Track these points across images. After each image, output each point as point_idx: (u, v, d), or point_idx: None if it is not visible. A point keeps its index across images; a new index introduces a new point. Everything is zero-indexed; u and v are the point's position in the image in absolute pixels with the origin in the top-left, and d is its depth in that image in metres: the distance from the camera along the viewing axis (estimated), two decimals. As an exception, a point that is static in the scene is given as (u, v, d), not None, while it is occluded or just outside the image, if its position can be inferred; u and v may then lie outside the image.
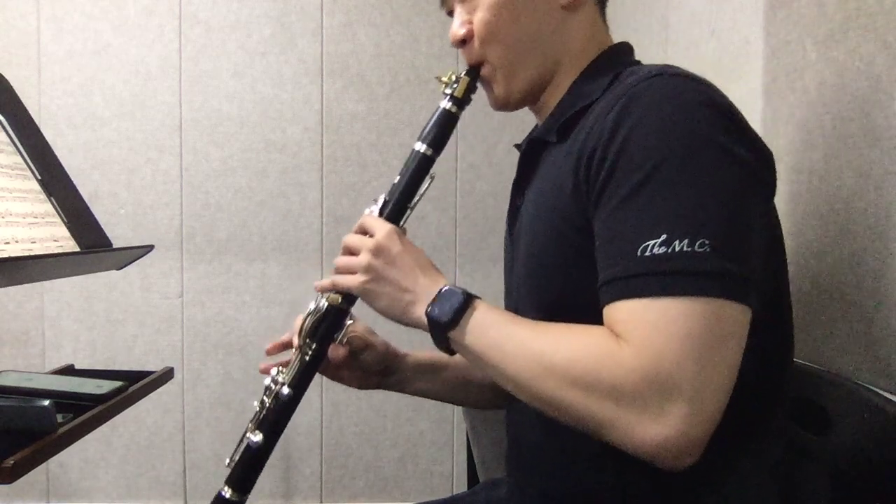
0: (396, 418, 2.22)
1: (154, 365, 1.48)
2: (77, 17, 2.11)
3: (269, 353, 0.90)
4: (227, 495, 0.81)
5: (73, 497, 2.17)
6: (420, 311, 0.73)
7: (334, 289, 0.81)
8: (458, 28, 0.84)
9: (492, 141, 2.16)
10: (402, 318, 0.76)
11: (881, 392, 0.80)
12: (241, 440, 0.83)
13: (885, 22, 0.86)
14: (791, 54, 1.07)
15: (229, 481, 0.82)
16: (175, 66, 2.13)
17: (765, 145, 0.68)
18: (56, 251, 0.98)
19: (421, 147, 0.85)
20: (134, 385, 1.03)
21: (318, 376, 0.86)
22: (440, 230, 2.18)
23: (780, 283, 0.72)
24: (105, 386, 0.99)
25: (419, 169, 0.84)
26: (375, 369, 0.94)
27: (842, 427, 0.80)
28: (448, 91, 0.85)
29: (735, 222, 0.62)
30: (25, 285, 2.09)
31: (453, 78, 0.85)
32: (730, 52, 1.25)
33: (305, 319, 0.84)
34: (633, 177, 0.63)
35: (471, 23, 0.83)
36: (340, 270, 0.80)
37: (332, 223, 2.17)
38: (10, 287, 1.25)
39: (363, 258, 0.77)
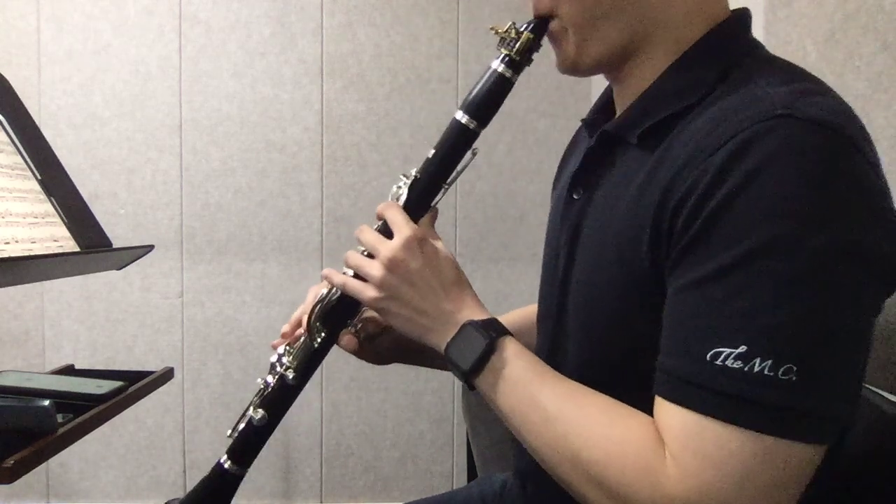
0: (396, 418, 2.22)
1: (154, 365, 1.48)
2: (77, 17, 2.11)
3: (284, 337, 0.81)
4: (227, 466, 0.79)
5: (73, 497, 2.17)
6: (439, 341, 0.66)
7: (345, 290, 0.72)
8: None
9: (492, 141, 2.15)
10: (421, 341, 0.69)
11: (881, 392, 0.80)
12: (244, 413, 0.79)
13: (885, 22, 0.86)
14: (791, 54, 1.07)
15: (230, 453, 0.79)
16: (175, 66, 2.13)
17: None
18: (56, 251, 0.98)
19: (462, 117, 0.69)
20: (134, 385, 1.03)
21: (325, 359, 0.78)
22: (440, 230, 2.17)
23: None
24: (105, 386, 0.99)
25: (458, 143, 0.70)
26: (392, 350, 0.87)
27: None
28: (504, 50, 0.68)
29: (836, 344, 0.50)
30: (25, 285, 2.09)
31: (512, 32, 0.67)
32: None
33: (318, 303, 0.75)
34: (724, 253, 0.50)
35: None
36: (350, 266, 0.71)
37: (332, 223, 2.17)
38: (10, 287, 1.24)
39: (377, 272, 0.67)
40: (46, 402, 0.83)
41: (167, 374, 1.14)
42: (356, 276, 0.71)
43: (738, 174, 0.51)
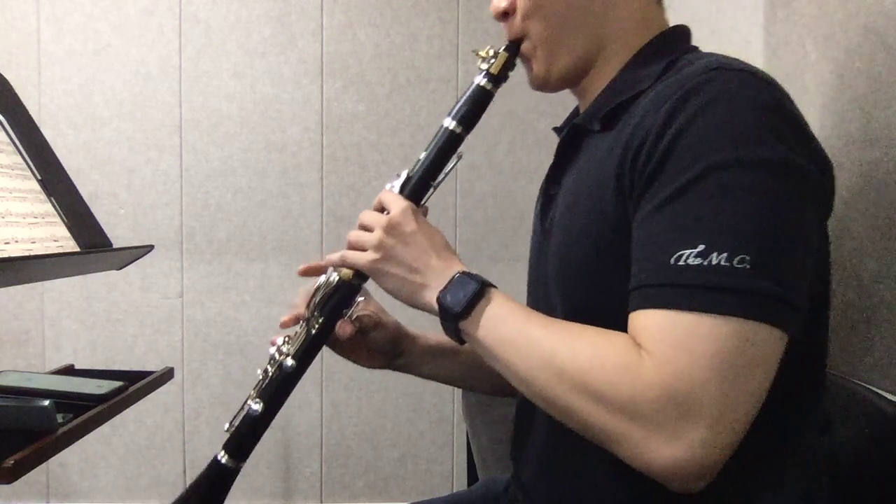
0: (396, 418, 2.22)
1: (154, 365, 1.48)
2: (77, 17, 2.11)
3: (283, 326, 0.87)
4: (224, 461, 0.80)
5: (73, 497, 2.17)
6: (431, 296, 0.71)
7: (344, 264, 0.78)
8: (500, 0, 0.79)
9: (492, 141, 2.16)
10: (411, 301, 0.74)
11: (881, 392, 0.80)
12: (242, 407, 0.81)
13: (885, 22, 0.86)
14: (791, 54, 1.07)
15: (226, 447, 0.81)
16: (175, 66, 2.13)
17: (826, 156, 0.63)
18: (56, 251, 0.98)
19: (450, 123, 0.80)
20: (134, 385, 1.03)
21: (325, 359, 0.82)
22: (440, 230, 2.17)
23: (821, 300, 0.67)
24: (105, 386, 0.99)
25: (446, 146, 0.80)
26: (385, 349, 0.91)
27: (842, 427, 0.80)
28: (484, 66, 0.79)
29: (783, 241, 0.57)
30: (25, 285, 2.09)
31: (491, 53, 0.79)
32: (730, 52, 1.25)
33: (315, 292, 0.82)
34: (679, 177, 0.58)
35: None
36: (352, 246, 0.77)
37: (332, 223, 2.17)
38: (10, 287, 1.25)
39: (375, 235, 0.74)
40: (46, 402, 0.83)
41: (167, 374, 1.14)
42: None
43: (684, 115, 0.59)
